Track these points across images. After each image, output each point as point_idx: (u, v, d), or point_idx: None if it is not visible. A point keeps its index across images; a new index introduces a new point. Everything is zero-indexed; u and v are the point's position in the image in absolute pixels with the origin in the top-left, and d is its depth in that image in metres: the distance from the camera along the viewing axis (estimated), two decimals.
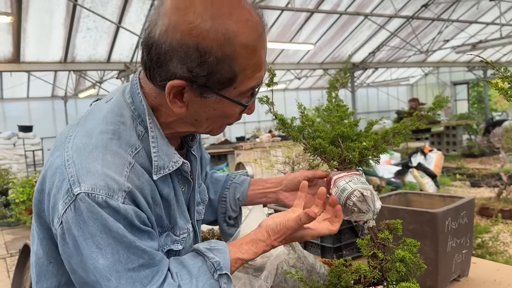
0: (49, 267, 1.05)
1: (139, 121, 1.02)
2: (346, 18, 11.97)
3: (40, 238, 1.04)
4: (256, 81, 0.99)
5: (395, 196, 1.91)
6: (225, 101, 0.97)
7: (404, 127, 1.19)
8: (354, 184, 1.16)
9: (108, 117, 1.01)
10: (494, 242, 4.51)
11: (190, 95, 0.96)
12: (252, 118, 18.81)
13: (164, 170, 1.02)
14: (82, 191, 0.89)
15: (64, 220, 0.91)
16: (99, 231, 0.90)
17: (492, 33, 13.96)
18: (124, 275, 0.92)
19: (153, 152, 1.01)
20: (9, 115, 14.12)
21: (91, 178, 0.90)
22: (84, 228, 0.90)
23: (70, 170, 0.92)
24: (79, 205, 0.89)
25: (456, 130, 14.14)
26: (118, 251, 0.91)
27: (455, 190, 8.67)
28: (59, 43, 9.86)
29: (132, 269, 0.93)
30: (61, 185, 0.92)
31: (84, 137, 0.97)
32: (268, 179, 1.40)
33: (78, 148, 0.95)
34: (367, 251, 1.12)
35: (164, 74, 0.93)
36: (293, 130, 1.25)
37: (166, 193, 1.06)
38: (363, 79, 18.40)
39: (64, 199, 0.91)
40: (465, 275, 1.72)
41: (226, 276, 1.01)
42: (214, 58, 0.89)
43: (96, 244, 0.90)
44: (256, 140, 8.19)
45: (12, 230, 7.97)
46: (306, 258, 1.69)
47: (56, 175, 0.95)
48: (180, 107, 0.97)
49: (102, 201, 0.89)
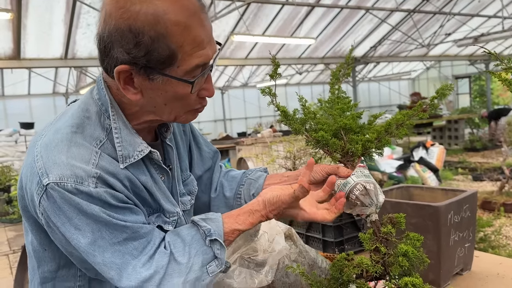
0: (45, 254, 1.11)
1: (106, 115, 1.06)
2: (347, 12, 11.91)
3: (30, 230, 1.11)
4: (201, 59, 0.99)
5: (397, 190, 1.90)
6: (173, 81, 0.99)
7: (407, 118, 1.17)
8: (357, 178, 1.15)
9: (74, 113, 1.07)
10: (496, 235, 4.50)
11: (139, 80, 0.99)
12: (253, 113, 18.82)
13: (130, 159, 1.05)
14: (51, 181, 0.95)
15: (42, 210, 0.98)
16: (76, 214, 0.96)
17: (494, 26, 13.88)
18: (109, 249, 0.98)
19: (116, 142, 1.05)
20: (11, 112, 14.13)
21: (58, 169, 0.96)
22: (60, 214, 0.96)
23: (38, 164, 0.98)
24: (51, 193, 0.95)
25: (458, 124, 14.11)
26: (99, 229, 0.97)
27: (457, 184, 8.66)
28: (60, 39, 9.85)
29: (118, 243, 0.98)
30: (33, 179, 0.98)
31: (52, 134, 1.02)
32: (285, 173, 1.38)
33: (45, 143, 1.01)
34: (369, 245, 1.11)
35: (112, 63, 0.98)
36: (295, 123, 1.24)
37: (144, 181, 1.10)
38: (364, 73, 18.35)
39: (37, 190, 0.97)
40: (468, 268, 1.71)
41: (218, 243, 1.05)
42: (149, 38, 0.93)
43: (74, 226, 0.96)
44: (257, 135, 8.18)
45: (14, 227, 7.99)
46: (308, 253, 1.68)
47: (28, 171, 1.01)
48: (134, 93, 1.01)
49: (72, 189, 0.95)
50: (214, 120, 18.37)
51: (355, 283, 1.12)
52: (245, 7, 10.29)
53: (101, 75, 1.09)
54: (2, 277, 5.23)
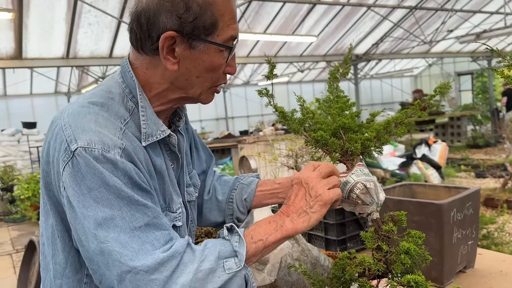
0: (56, 242, 1.08)
1: (129, 97, 1.09)
2: (349, 9, 11.88)
3: (49, 213, 1.08)
4: (234, 32, 1.08)
5: (400, 187, 1.89)
6: (211, 51, 1.05)
7: (406, 117, 1.17)
8: (356, 177, 1.14)
9: (97, 92, 1.09)
10: (499, 232, 4.49)
11: (181, 49, 1.04)
12: (255, 111, 18.83)
13: (152, 138, 1.08)
14: (79, 146, 0.95)
15: (64, 179, 0.96)
16: (97, 185, 0.94)
17: (496, 22, 13.83)
18: (127, 233, 0.93)
19: (142, 120, 1.07)
20: (13, 111, 14.16)
21: (86, 135, 0.97)
22: (81, 183, 0.94)
23: (67, 132, 0.99)
24: (77, 160, 0.94)
25: (461, 121, 14.07)
26: (120, 207, 0.94)
27: (460, 181, 8.64)
28: (61, 38, 9.85)
29: (139, 228, 0.95)
30: (60, 147, 0.98)
31: (77, 107, 1.05)
32: (277, 180, 1.39)
33: (73, 113, 1.03)
34: (371, 243, 1.11)
35: (156, 32, 1.02)
36: (294, 123, 1.24)
37: (159, 165, 1.11)
38: (366, 70, 18.31)
39: (63, 158, 0.97)
40: (471, 266, 1.70)
41: (237, 236, 1.01)
42: (197, 5, 1.00)
43: (94, 198, 0.94)
44: (259, 134, 8.18)
45: (17, 226, 8.02)
46: (310, 251, 1.68)
47: (56, 141, 1.01)
48: (173, 63, 1.05)
49: (98, 155, 0.94)
50: (216, 119, 18.38)
51: (358, 281, 1.12)
52: (246, 5, 10.28)
53: (126, 59, 1.13)
54: (5, 276, 5.25)
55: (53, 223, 1.07)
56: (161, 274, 0.92)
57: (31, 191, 8.11)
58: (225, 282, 0.95)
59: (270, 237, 1.04)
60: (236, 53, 3.51)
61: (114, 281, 0.93)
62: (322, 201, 1.07)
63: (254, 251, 1.01)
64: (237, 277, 0.97)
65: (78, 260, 1.07)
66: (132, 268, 0.91)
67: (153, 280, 0.91)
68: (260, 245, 1.02)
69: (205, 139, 12.71)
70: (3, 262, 5.82)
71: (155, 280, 0.91)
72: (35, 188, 8.11)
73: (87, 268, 1.05)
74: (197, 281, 0.93)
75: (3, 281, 5.08)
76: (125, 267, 0.92)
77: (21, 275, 3.80)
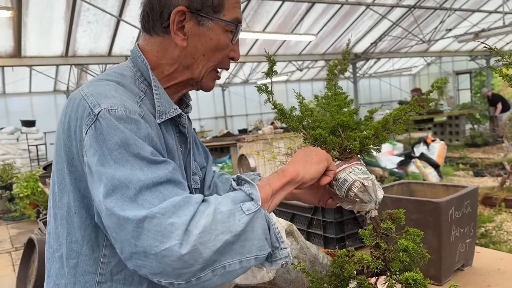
0: (73, 219, 1.05)
1: (141, 80, 1.13)
2: (348, 8, 11.88)
3: (66, 191, 1.06)
4: (239, 15, 1.15)
5: (398, 186, 1.90)
6: (219, 29, 1.12)
7: (403, 113, 1.17)
8: (354, 175, 1.15)
9: (110, 73, 1.12)
10: (497, 231, 4.51)
11: (190, 25, 1.10)
12: (254, 110, 18.82)
13: (166, 115, 1.11)
14: (103, 108, 0.96)
15: (85, 143, 0.96)
16: (118, 146, 0.93)
17: (495, 21, 13.83)
18: (149, 187, 0.90)
19: (156, 98, 1.10)
20: (12, 110, 14.13)
21: (109, 100, 0.98)
22: (102, 144, 0.93)
23: (90, 99, 1.00)
24: (100, 123, 0.95)
25: (459, 119, 14.09)
26: (141, 167, 0.92)
27: (458, 180, 8.66)
28: (60, 37, 9.84)
29: (160, 184, 0.92)
30: (83, 114, 0.99)
31: (94, 82, 1.08)
32: None
33: (92, 86, 1.05)
34: (369, 241, 1.11)
35: (168, 10, 1.09)
36: (293, 120, 1.24)
37: (171, 145, 1.13)
38: (365, 69, 18.32)
39: (86, 122, 0.97)
40: (469, 264, 1.71)
41: (248, 184, 1.00)
42: None
43: (114, 159, 0.92)
44: (258, 132, 8.17)
45: (16, 224, 8.03)
46: (309, 249, 1.69)
47: (78, 111, 1.01)
48: (182, 39, 1.11)
49: (122, 114, 0.96)
50: (215, 117, 18.37)
51: (356, 279, 1.12)
52: (245, 3, 10.27)
53: (136, 46, 1.18)
54: (4, 274, 5.25)
55: (69, 201, 1.05)
56: (180, 218, 0.87)
57: (30, 189, 8.11)
58: (247, 225, 0.92)
59: (275, 182, 1.04)
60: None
61: (131, 240, 0.87)
62: (319, 154, 1.13)
63: (264, 195, 0.99)
64: (258, 218, 0.94)
65: (95, 238, 1.04)
66: (147, 214, 0.86)
67: (173, 224, 0.86)
68: (268, 190, 1.01)
69: (204, 137, 12.72)
70: (2, 260, 5.82)
71: (174, 224, 0.86)
72: (34, 186, 8.11)
73: (105, 247, 1.04)
74: (218, 224, 0.89)
75: (2, 279, 5.08)
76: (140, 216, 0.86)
77: (20, 273, 3.80)
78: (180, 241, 0.85)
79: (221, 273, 0.91)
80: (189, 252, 0.85)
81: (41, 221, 4.71)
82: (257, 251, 0.94)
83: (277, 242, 0.98)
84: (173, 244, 0.85)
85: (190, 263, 0.86)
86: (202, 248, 0.86)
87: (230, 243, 0.89)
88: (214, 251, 0.87)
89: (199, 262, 0.86)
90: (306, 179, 1.09)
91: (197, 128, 16.24)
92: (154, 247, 0.85)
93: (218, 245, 0.88)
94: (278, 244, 0.98)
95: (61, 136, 1.05)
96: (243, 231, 0.91)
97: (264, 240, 0.95)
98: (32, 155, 11.27)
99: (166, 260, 0.85)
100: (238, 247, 0.91)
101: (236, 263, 0.91)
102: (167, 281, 0.88)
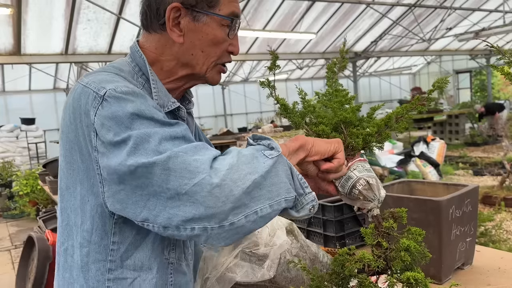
0: (85, 208, 1.06)
1: (139, 74, 1.14)
2: (348, 6, 11.87)
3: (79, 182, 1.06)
4: (236, 9, 1.15)
5: (399, 184, 1.90)
6: (215, 23, 1.12)
7: (406, 111, 1.17)
8: (359, 172, 1.14)
9: (107, 68, 1.13)
10: (497, 230, 4.51)
11: (185, 21, 1.11)
12: (254, 108, 18.81)
13: (164, 109, 1.11)
14: (108, 89, 0.98)
15: (95, 124, 0.96)
16: (130, 114, 0.94)
17: (495, 20, 13.82)
18: (169, 140, 0.93)
19: (154, 92, 1.11)
20: (11, 107, 14.12)
21: (112, 83, 1.01)
22: (116, 118, 0.94)
23: (93, 85, 1.01)
24: (108, 101, 0.96)
25: (459, 118, 14.09)
26: (158, 126, 0.95)
27: (458, 179, 8.66)
28: (60, 34, 9.82)
29: (177, 138, 0.95)
30: (87, 100, 0.99)
31: (94, 73, 1.09)
32: None
33: (91, 76, 1.06)
34: (371, 239, 1.11)
35: (164, 7, 1.10)
36: (295, 116, 1.24)
37: None
38: (365, 68, 18.31)
39: (93, 105, 0.97)
40: (469, 263, 1.71)
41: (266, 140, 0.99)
42: None
43: (129, 125, 0.93)
44: (258, 131, 8.17)
45: (16, 222, 8.03)
46: (309, 248, 1.69)
47: (81, 99, 1.01)
48: (178, 35, 1.11)
49: (128, 90, 0.99)
50: (215, 116, 18.36)
51: (357, 277, 1.12)
52: (245, 1, 10.25)
53: (135, 42, 1.19)
54: (4, 272, 5.25)
55: (81, 191, 1.06)
56: (203, 156, 0.90)
57: (30, 187, 8.11)
58: (271, 168, 0.92)
59: (289, 144, 1.04)
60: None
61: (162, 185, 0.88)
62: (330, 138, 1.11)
63: (282, 152, 0.98)
64: (280, 163, 0.94)
65: (102, 226, 1.05)
66: (170, 154, 0.89)
67: (197, 160, 0.88)
68: (284, 148, 1.00)
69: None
70: (2, 258, 5.82)
71: (198, 160, 0.89)
72: (33, 184, 8.10)
73: (113, 234, 1.05)
74: (244, 165, 0.90)
75: (1, 277, 5.08)
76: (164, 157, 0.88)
77: (20, 270, 3.80)
78: (209, 173, 0.87)
79: (253, 219, 0.91)
80: (220, 185, 0.86)
81: (40, 219, 4.71)
82: (285, 193, 0.94)
83: (301, 189, 0.97)
84: (202, 178, 0.86)
85: (222, 200, 0.86)
86: (232, 185, 0.87)
87: (258, 184, 0.90)
88: (244, 189, 0.88)
89: (231, 200, 0.87)
90: (315, 151, 1.06)
91: None
92: (184, 185, 0.87)
93: (248, 184, 0.88)
94: (303, 190, 0.97)
95: (67, 129, 1.05)
96: (268, 173, 0.91)
97: (289, 184, 0.95)
98: (32, 153, 11.27)
99: (197, 197, 0.86)
100: (266, 192, 0.91)
101: (267, 207, 0.92)
102: (200, 225, 0.88)
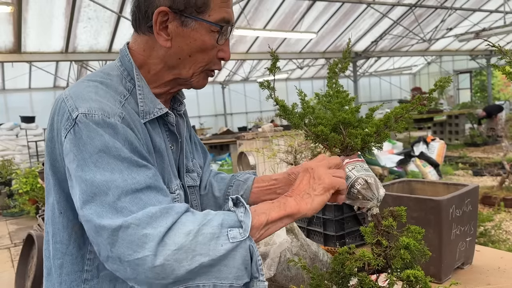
0: (60, 219, 1.07)
1: (128, 79, 1.12)
2: (349, 6, 11.86)
3: (51, 192, 1.08)
4: (227, 15, 1.11)
5: (399, 184, 1.90)
6: (202, 30, 1.09)
7: (405, 111, 1.17)
8: (357, 172, 1.15)
9: (96, 73, 1.13)
10: (496, 230, 4.51)
11: (173, 26, 1.08)
12: (254, 108, 18.81)
13: (150, 115, 1.10)
14: (80, 112, 0.97)
15: (65, 147, 0.97)
16: (98, 150, 0.93)
17: (496, 21, 13.82)
18: (129, 194, 0.91)
19: (139, 98, 1.10)
20: (11, 106, 14.12)
21: (87, 103, 0.99)
22: (82, 148, 0.94)
23: (69, 103, 1.01)
24: (79, 127, 0.96)
25: (459, 119, 14.09)
26: (120, 171, 0.93)
27: (457, 179, 8.66)
28: (60, 33, 9.81)
29: (140, 190, 0.92)
30: (63, 117, 1.00)
31: (77, 83, 1.09)
32: (273, 175, 1.38)
33: (73, 88, 1.06)
34: (371, 238, 1.11)
35: (152, 9, 1.07)
36: (294, 117, 1.24)
37: (158, 143, 1.13)
38: (365, 68, 18.30)
39: (65, 126, 0.98)
40: (469, 262, 1.71)
41: (243, 207, 0.96)
42: None
43: (94, 162, 0.93)
44: (258, 130, 8.17)
45: (16, 220, 8.02)
46: (309, 246, 1.69)
47: (59, 113, 1.02)
48: (165, 40, 1.09)
49: (99, 119, 0.96)
50: (215, 115, 18.37)
51: (357, 276, 1.12)
52: (246, 0, 10.25)
53: (125, 45, 1.17)
54: (3, 270, 5.25)
55: (53, 201, 1.07)
56: (155, 230, 0.87)
57: (29, 185, 8.11)
58: (228, 252, 0.89)
59: (273, 213, 0.98)
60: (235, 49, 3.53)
61: (107, 246, 0.88)
62: (325, 184, 1.05)
63: (257, 224, 0.95)
64: (241, 248, 0.90)
65: (82, 236, 1.05)
66: (122, 223, 0.87)
67: (147, 235, 0.86)
68: (262, 219, 0.96)
69: (203, 135, 12.71)
70: (1, 256, 5.82)
71: (148, 235, 0.86)
72: (33, 182, 8.10)
73: (90, 243, 1.04)
74: (197, 245, 0.87)
75: (1, 275, 5.08)
76: (115, 225, 0.87)
77: (19, 268, 3.81)
78: (154, 252, 0.86)
79: None
80: (162, 265, 0.86)
81: (40, 217, 4.71)
82: (233, 279, 0.91)
83: (257, 273, 0.94)
84: (145, 255, 0.86)
85: (162, 276, 0.87)
86: (176, 265, 0.86)
87: (207, 266, 0.88)
88: (188, 270, 0.87)
89: (171, 278, 0.87)
90: (308, 215, 1.05)
91: (197, 125, 16.24)
92: (128, 255, 0.87)
93: (194, 266, 0.87)
94: (258, 275, 0.94)
95: (47, 136, 1.07)
96: (223, 257, 0.89)
97: (243, 270, 0.92)
98: (32, 151, 11.26)
99: (139, 269, 0.87)
100: (216, 271, 0.89)
101: (210, 286, 0.91)
102: (140, 287, 0.90)
